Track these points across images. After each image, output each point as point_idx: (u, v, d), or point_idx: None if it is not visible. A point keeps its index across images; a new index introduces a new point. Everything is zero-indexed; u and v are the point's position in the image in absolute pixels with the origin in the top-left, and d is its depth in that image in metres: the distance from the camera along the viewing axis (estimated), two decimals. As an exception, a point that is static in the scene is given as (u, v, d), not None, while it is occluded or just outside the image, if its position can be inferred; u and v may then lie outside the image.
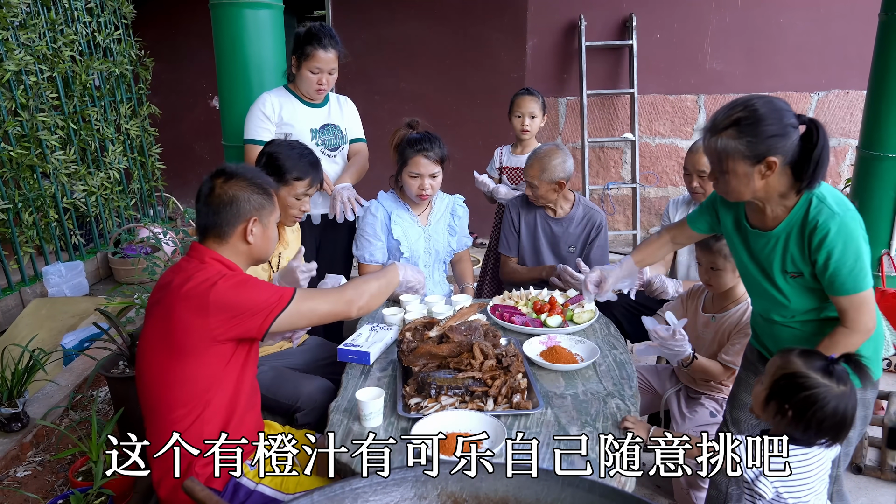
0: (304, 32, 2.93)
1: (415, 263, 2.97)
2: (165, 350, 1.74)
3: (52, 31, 4.62)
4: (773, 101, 1.69)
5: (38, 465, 2.76)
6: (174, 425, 1.73)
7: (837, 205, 1.72)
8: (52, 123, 4.49)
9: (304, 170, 2.49)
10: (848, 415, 1.55)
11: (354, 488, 1.28)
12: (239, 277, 1.77)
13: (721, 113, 1.71)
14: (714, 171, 1.77)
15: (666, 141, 5.77)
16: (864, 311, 1.73)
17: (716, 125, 1.71)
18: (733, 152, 1.67)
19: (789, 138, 1.66)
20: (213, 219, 1.83)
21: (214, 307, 1.69)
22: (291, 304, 1.77)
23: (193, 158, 6.20)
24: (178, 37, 5.89)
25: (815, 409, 1.54)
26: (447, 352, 2.02)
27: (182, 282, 1.75)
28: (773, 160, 1.66)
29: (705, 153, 1.79)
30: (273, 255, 2.54)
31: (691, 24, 5.51)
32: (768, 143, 1.65)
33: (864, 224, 1.74)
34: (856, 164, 3.87)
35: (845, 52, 5.43)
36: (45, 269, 4.45)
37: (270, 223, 1.91)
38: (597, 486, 1.27)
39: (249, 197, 1.84)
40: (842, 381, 1.55)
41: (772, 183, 1.72)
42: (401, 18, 5.62)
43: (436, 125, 3.04)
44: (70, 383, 3.24)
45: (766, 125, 1.65)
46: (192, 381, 1.74)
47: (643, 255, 2.37)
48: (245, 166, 1.94)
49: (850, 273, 1.70)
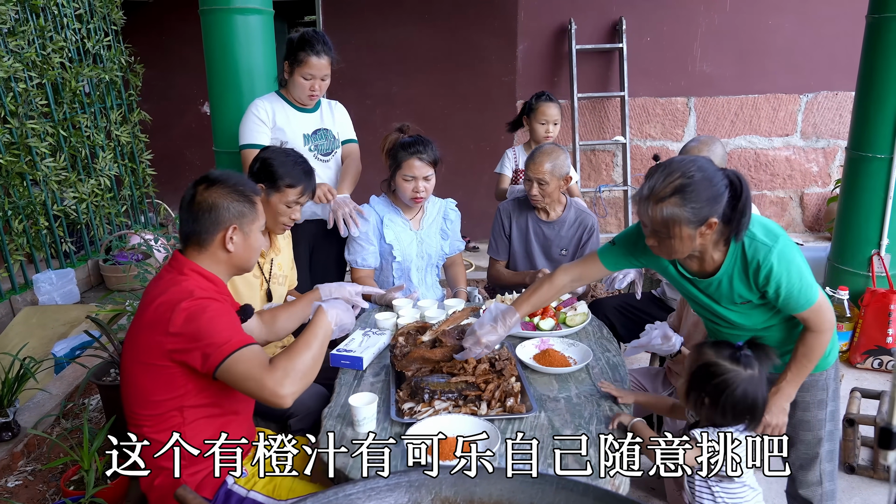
0: (297, 38, 2.92)
1: (407, 268, 2.97)
2: (135, 364, 1.73)
3: (42, 37, 4.60)
4: (704, 164, 1.74)
5: (29, 475, 2.74)
6: (154, 436, 1.72)
7: (767, 236, 1.80)
8: (42, 130, 4.46)
9: (297, 177, 2.47)
10: (759, 396, 1.70)
11: (348, 494, 1.27)
12: (201, 304, 1.68)
13: (659, 181, 1.74)
14: (656, 235, 1.79)
15: (657, 143, 5.79)
16: (823, 313, 1.85)
17: (657, 193, 1.73)
18: (679, 219, 1.72)
19: (724, 198, 1.73)
20: (193, 226, 1.81)
21: (173, 330, 1.65)
22: (229, 357, 1.62)
23: (184, 165, 6.18)
24: (169, 43, 5.88)
25: (727, 394, 1.68)
26: (440, 356, 2.02)
27: (157, 294, 1.74)
28: (714, 221, 1.74)
29: (644, 219, 1.80)
30: (265, 262, 2.53)
31: (681, 26, 5.54)
32: (710, 207, 1.72)
33: (790, 240, 1.84)
34: (845, 165, 3.90)
35: (833, 55, 5.47)
36: (36, 277, 4.42)
37: (252, 231, 1.86)
38: (591, 489, 1.27)
39: (229, 205, 1.81)
40: (749, 366, 1.69)
41: (708, 239, 1.79)
42: (392, 23, 5.63)
43: (427, 129, 3.04)
44: (61, 392, 3.22)
45: (705, 190, 1.71)
46: (163, 396, 1.71)
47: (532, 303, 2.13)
48: (229, 173, 1.90)
49: (800, 293, 1.81)
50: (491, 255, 3.29)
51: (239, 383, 1.64)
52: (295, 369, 1.66)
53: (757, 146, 5.78)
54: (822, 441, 2.05)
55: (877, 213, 3.66)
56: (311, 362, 1.71)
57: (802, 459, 2.08)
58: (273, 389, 1.62)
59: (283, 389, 1.63)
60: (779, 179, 5.85)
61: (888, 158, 3.56)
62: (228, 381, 1.65)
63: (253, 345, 1.68)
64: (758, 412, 1.72)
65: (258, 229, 1.89)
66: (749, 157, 5.80)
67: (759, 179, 5.84)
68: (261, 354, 1.67)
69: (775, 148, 5.79)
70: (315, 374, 1.73)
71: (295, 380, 1.65)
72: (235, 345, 1.64)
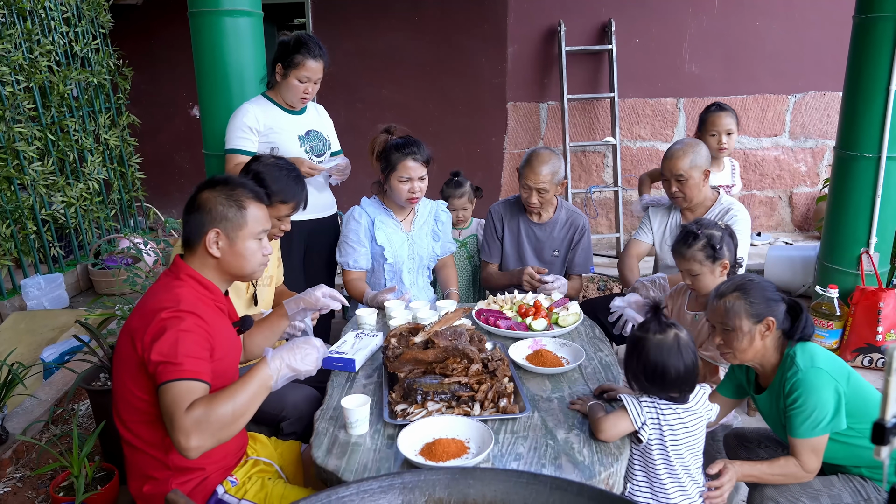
0: (292, 41, 2.91)
1: (399, 269, 2.97)
2: (121, 368, 1.71)
3: (29, 41, 4.56)
4: (765, 279, 2.02)
5: (17, 482, 2.71)
6: (144, 443, 1.70)
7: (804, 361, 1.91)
8: (30, 134, 4.43)
9: (290, 193, 2.44)
10: (669, 362, 1.77)
11: (341, 497, 1.26)
12: (178, 317, 1.62)
13: (725, 283, 2.04)
14: (723, 331, 1.99)
15: (647, 144, 5.81)
16: (810, 456, 1.90)
17: (721, 292, 2.00)
18: (739, 310, 1.94)
19: (779, 305, 1.96)
20: (185, 228, 1.80)
21: (147, 338, 1.60)
22: (171, 382, 1.53)
23: (174, 168, 6.15)
24: (157, 46, 5.85)
25: (638, 359, 1.80)
26: (433, 357, 2.01)
27: (147, 299, 1.72)
28: (771, 320, 1.93)
29: (713, 317, 2.02)
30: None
31: (669, 28, 5.56)
32: (766, 306, 1.94)
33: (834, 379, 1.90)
34: (833, 165, 3.92)
35: (820, 55, 5.51)
36: (24, 282, 4.39)
37: (240, 238, 1.79)
38: (585, 488, 1.27)
39: (213, 208, 1.77)
40: (659, 332, 1.80)
41: (768, 342, 1.96)
42: (381, 27, 5.63)
43: (418, 133, 3.04)
44: (50, 397, 3.19)
45: (763, 291, 1.95)
46: (150, 401, 1.66)
47: None
48: (235, 178, 1.89)
49: (803, 421, 1.88)
50: (483, 258, 3.29)
51: (163, 413, 1.55)
52: (209, 421, 1.50)
53: (746, 146, 5.81)
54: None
55: (865, 212, 3.68)
56: (231, 417, 1.53)
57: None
58: (177, 438, 1.49)
59: (189, 441, 1.49)
60: (768, 179, 5.89)
61: (876, 157, 3.59)
62: (159, 405, 1.56)
63: (197, 381, 1.56)
64: (669, 378, 1.78)
65: (248, 236, 1.80)
66: (738, 157, 5.82)
67: (749, 180, 5.87)
68: (195, 394, 1.54)
69: (764, 148, 5.82)
70: (236, 430, 1.57)
71: (205, 433, 1.50)
72: (182, 373, 1.54)
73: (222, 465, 1.82)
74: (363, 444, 1.77)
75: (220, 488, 1.79)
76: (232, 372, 1.83)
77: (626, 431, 1.79)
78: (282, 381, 1.66)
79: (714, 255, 2.32)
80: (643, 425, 1.78)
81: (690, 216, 2.99)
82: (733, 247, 2.39)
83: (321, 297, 2.13)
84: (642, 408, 1.79)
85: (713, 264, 2.33)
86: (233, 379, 1.77)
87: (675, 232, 3.03)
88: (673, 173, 2.87)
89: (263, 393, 1.62)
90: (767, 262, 4.58)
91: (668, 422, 1.79)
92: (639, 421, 1.78)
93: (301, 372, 1.69)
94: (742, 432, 2.31)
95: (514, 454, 1.71)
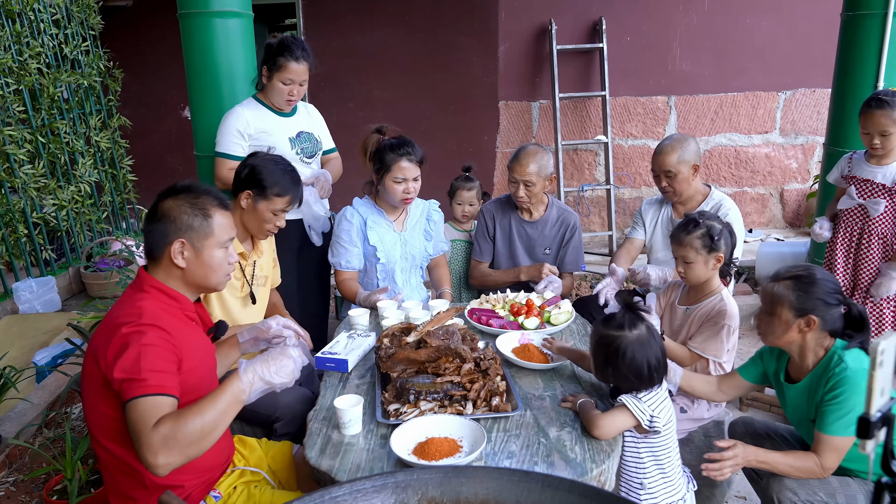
0: (276, 44, 2.92)
1: (391, 269, 2.97)
2: (86, 384, 1.66)
3: (18, 43, 4.54)
4: (831, 278, 1.97)
5: (11, 486, 2.70)
6: (117, 463, 1.66)
7: (854, 362, 1.88)
8: (20, 137, 4.41)
9: (286, 187, 2.45)
10: (651, 354, 1.79)
11: (334, 497, 1.27)
12: (139, 332, 1.56)
13: (786, 267, 2.01)
14: (763, 311, 2.00)
15: (638, 142, 5.83)
16: (832, 455, 1.88)
17: (778, 275, 1.99)
18: (784, 298, 1.92)
19: (833, 309, 1.91)
20: (147, 238, 1.73)
21: (108, 354, 1.55)
22: (135, 399, 1.48)
23: (166, 170, 6.13)
24: (148, 47, 5.83)
25: (620, 359, 1.79)
26: (425, 357, 2.01)
27: (111, 313, 1.66)
28: (814, 319, 1.90)
29: (762, 295, 2.01)
30: (247, 265, 2.52)
31: (660, 26, 5.58)
32: (813, 303, 1.90)
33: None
34: (823, 161, 3.94)
35: (810, 52, 5.54)
36: (16, 286, 4.37)
37: (205, 248, 1.72)
38: (577, 486, 1.28)
39: (177, 217, 1.70)
40: (633, 327, 1.81)
41: (807, 339, 1.94)
42: (372, 26, 5.63)
43: (409, 131, 3.04)
44: (43, 401, 3.19)
45: (819, 289, 1.91)
46: (114, 419, 1.60)
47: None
48: (197, 184, 1.79)
49: (839, 418, 1.85)
50: (474, 258, 3.29)
51: (130, 431, 1.49)
52: (176, 438, 1.44)
53: (737, 143, 5.84)
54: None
55: (855, 208, 3.69)
56: (200, 433, 1.48)
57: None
58: (144, 456, 1.44)
59: (157, 459, 1.43)
60: (759, 176, 5.91)
61: (865, 154, 3.60)
62: (126, 423, 1.51)
63: (163, 396, 1.50)
64: (653, 369, 1.80)
65: (215, 245, 1.74)
66: (729, 154, 5.85)
67: (740, 177, 5.90)
68: (162, 409, 1.48)
69: (755, 145, 5.85)
70: (206, 446, 1.51)
71: (173, 450, 1.44)
72: (146, 389, 1.49)
73: (204, 480, 1.77)
74: (356, 444, 1.77)
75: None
76: (208, 380, 1.77)
77: (623, 429, 1.81)
78: (255, 395, 1.60)
79: (711, 245, 2.34)
80: (652, 418, 1.80)
81: (682, 210, 3.01)
82: (730, 245, 2.41)
83: (273, 326, 2.05)
84: (644, 403, 1.80)
85: (708, 255, 2.35)
86: (210, 387, 1.72)
87: (666, 226, 3.05)
88: (662, 169, 2.89)
89: (236, 407, 1.57)
90: (759, 259, 4.61)
91: (667, 407, 1.83)
92: (645, 418, 1.79)
93: (276, 385, 1.62)
94: (750, 422, 2.30)
95: (506, 452, 1.72)
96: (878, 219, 3.13)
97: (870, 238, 3.16)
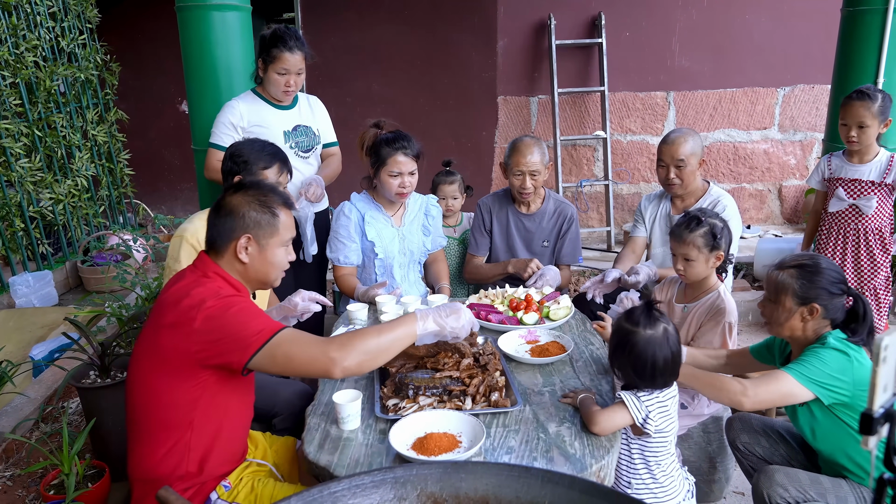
0: (269, 35, 2.91)
1: (389, 264, 2.96)
2: (152, 366, 1.68)
3: (14, 36, 4.52)
4: (836, 268, 1.98)
5: (7, 480, 2.70)
6: (156, 445, 1.69)
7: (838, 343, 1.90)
8: (17, 130, 4.39)
9: (268, 159, 2.46)
10: (658, 354, 1.78)
11: (333, 492, 1.26)
12: (227, 301, 1.64)
13: (790, 255, 2.02)
14: (768, 300, 2.01)
15: (637, 138, 5.82)
16: (765, 387, 1.89)
17: (783, 263, 2.00)
18: (788, 286, 1.94)
19: (835, 298, 1.93)
20: (211, 231, 1.77)
21: (198, 329, 1.60)
22: (266, 345, 1.59)
23: (163, 164, 6.12)
24: (145, 41, 5.81)
25: (629, 354, 1.80)
26: (424, 352, 2.01)
27: (179, 296, 1.67)
28: (816, 307, 1.91)
29: (766, 283, 2.03)
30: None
31: (659, 22, 5.57)
32: (819, 292, 1.91)
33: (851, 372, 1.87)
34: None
35: (809, 48, 5.53)
36: (12, 280, 4.35)
37: (270, 245, 1.78)
38: (577, 482, 1.27)
39: (246, 212, 1.74)
40: (649, 327, 1.80)
41: (809, 328, 1.95)
42: (371, 21, 5.60)
43: (408, 127, 3.02)
44: (40, 395, 3.18)
45: (823, 278, 1.92)
46: (176, 404, 1.66)
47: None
48: (266, 183, 1.87)
49: (798, 363, 1.89)
50: (469, 252, 3.29)
51: (282, 364, 1.60)
52: (353, 343, 1.60)
53: (735, 139, 5.83)
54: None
55: (853, 205, 3.69)
56: (375, 348, 1.63)
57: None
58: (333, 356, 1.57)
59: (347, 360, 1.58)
60: (757, 172, 5.91)
61: (864, 150, 3.60)
62: (267, 366, 1.61)
63: (288, 328, 1.64)
64: (658, 370, 1.79)
65: (279, 244, 1.80)
66: (728, 150, 5.85)
67: (738, 172, 5.89)
68: (302, 333, 1.64)
69: (753, 141, 5.84)
70: (376, 363, 1.66)
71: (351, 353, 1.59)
72: (270, 332, 1.60)
73: (221, 472, 1.81)
74: (355, 440, 1.77)
75: (214, 494, 1.78)
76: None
77: (621, 425, 1.80)
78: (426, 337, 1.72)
79: (713, 243, 2.33)
80: (646, 418, 1.79)
81: (681, 205, 3.00)
82: (729, 243, 2.41)
83: (300, 302, 2.15)
84: (641, 402, 1.80)
85: (709, 253, 2.35)
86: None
87: (664, 221, 3.05)
88: (675, 158, 2.88)
89: (407, 340, 1.69)
90: (757, 255, 4.61)
91: (668, 409, 1.82)
92: (640, 416, 1.79)
93: (447, 328, 1.73)
94: (747, 418, 2.30)
95: (505, 448, 1.72)
96: (871, 215, 3.16)
97: (866, 235, 3.20)
